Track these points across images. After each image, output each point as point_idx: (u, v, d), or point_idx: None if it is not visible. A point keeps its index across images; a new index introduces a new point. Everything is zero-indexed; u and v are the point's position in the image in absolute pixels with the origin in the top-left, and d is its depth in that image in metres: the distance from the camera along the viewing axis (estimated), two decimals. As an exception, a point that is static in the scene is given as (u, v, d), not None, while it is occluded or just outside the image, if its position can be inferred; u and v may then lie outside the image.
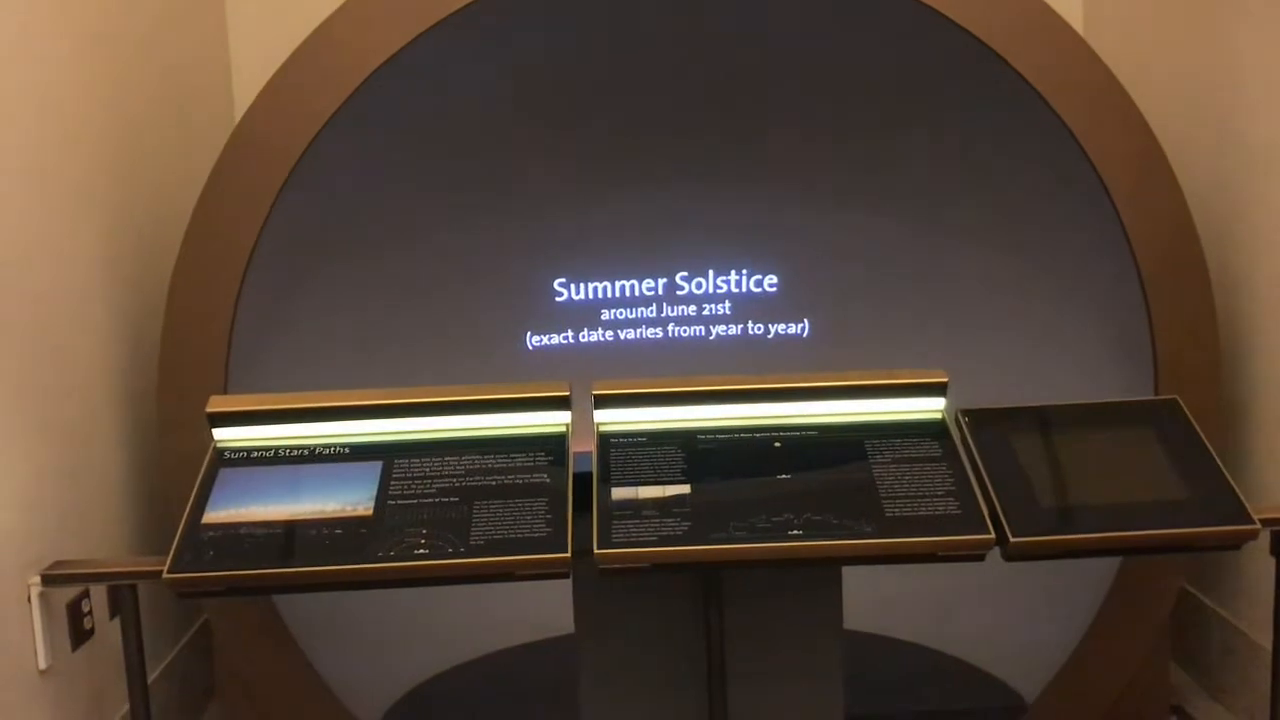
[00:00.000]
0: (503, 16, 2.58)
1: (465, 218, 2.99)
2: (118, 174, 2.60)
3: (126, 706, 2.20)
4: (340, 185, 2.72)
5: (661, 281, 3.11)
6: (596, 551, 1.94)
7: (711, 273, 3.12)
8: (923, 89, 2.80)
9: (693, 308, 3.14)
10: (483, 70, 2.75)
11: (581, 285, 3.11)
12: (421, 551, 1.94)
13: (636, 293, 3.12)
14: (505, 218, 3.03)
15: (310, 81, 2.45)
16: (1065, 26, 2.53)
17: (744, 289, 3.13)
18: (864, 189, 2.99)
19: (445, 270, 3.02)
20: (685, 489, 2.03)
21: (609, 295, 3.11)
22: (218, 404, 2.16)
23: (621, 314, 3.12)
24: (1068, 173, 2.58)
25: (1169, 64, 2.99)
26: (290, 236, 2.57)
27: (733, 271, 3.12)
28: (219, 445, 2.13)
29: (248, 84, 3.18)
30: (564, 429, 2.13)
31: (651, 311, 3.13)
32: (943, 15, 2.46)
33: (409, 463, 2.08)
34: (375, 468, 2.08)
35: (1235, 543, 2.08)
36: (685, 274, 3.11)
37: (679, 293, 3.13)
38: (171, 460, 2.44)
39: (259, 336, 2.60)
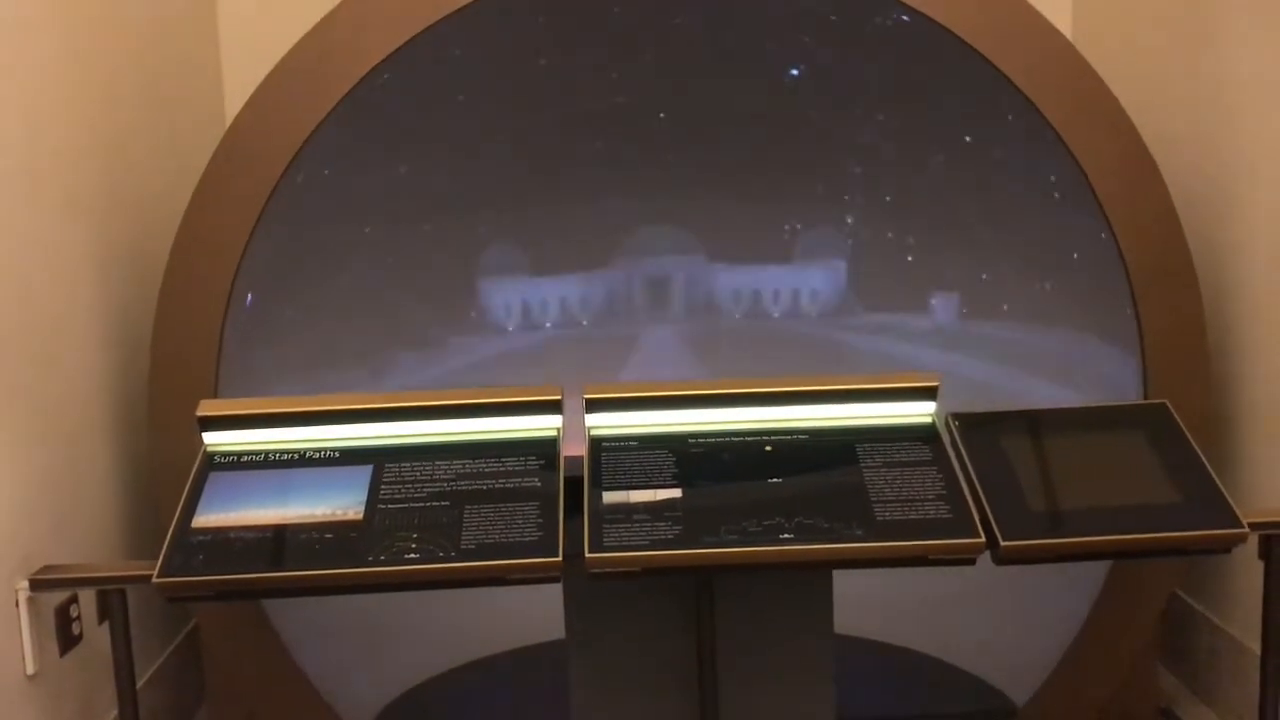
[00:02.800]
0: (496, 20, 2.58)
1: (453, 223, 2.99)
2: (108, 178, 2.59)
3: (115, 712, 2.19)
4: (330, 190, 2.71)
5: (652, 281, 3.13)
6: (588, 555, 1.94)
7: (702, 272, 3.13)
8: (911, 93, 2.81)
9: (679, 308, 3.15)
10: (473, 75, 2.75)
11: (570, 284, 3.12)
12: (412, 556, 1.94)
13: (623, 291, 3.14)
14: (493, 220, 3.04)
15: (299, 87, 2.44)
16: (1054, 31, 2.54)
17: (737, 288, 3.14)
18: (852, 192, 3.00)
19: (434, 274, 3.02)
20: (676, 493, 2.03)
21: (590, 294, 3.13)
22: (207, 408, 2.15)
23: (604, 313, 3.14)
24: (1055, 177, 2.59)
25: (1156, 68, 3.00)
26: (280, 242, 2.57)
27: (721, 271, 3.13)
28: (209, 449, 2.13)
29: (239, 89, 3.17)
30: (555, 433, 2.13)
31: (636, 310, 3.15)
32: (932, 20, 2.47)
33: (399, 467, 2.08)
34: (365, 472, 2.07)
35: (1224, 546, 2.09)
36: (677, 274, 3.12)
37: (665, 293, 3.14)
38: (161, 464, 2.43)
39: (248, 341, 2.59)
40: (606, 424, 2.15)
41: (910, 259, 3.04)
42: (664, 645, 2.23)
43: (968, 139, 2.80)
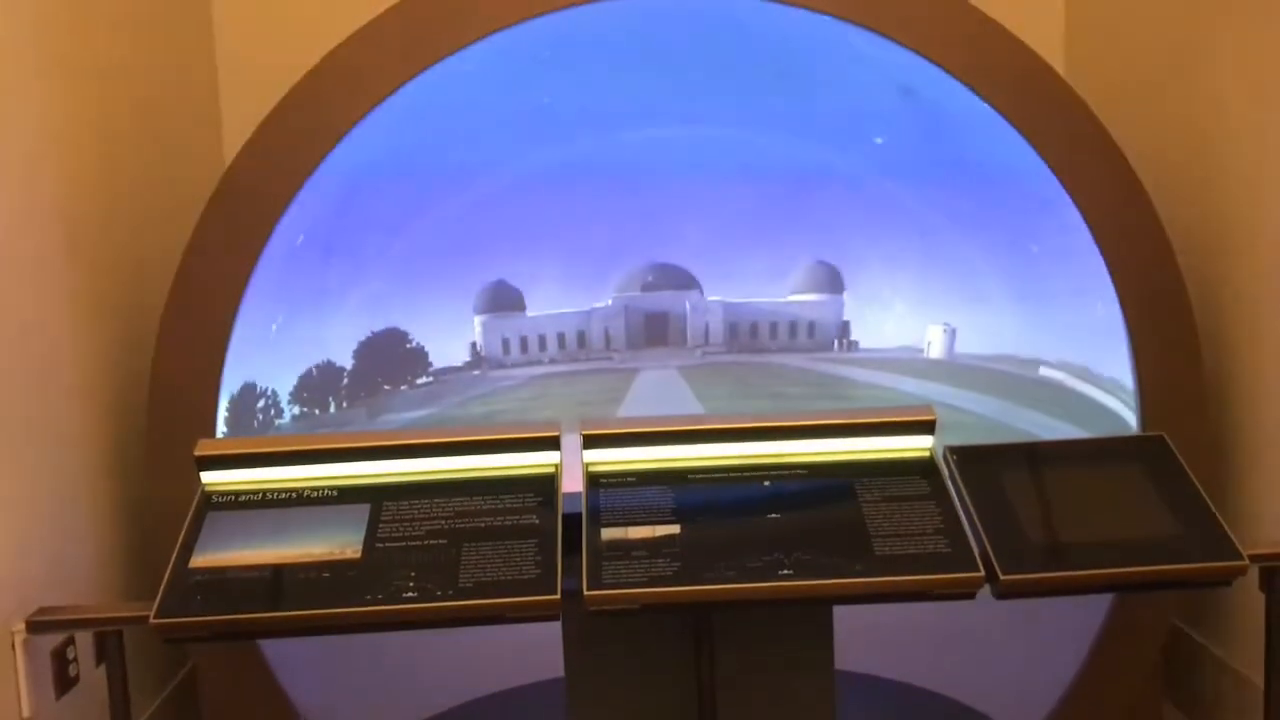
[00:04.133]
0: (500, 64, 2.60)
1: (450, 260, 3.01)
2: (106, 220, 2.60)
3: (111, 755, 2.17)
4: (328, 230, 2.73)
5: (650, 316, 3.15)
6: (586, 593, 1.93)
7: (700, 307, 3.15)
8: (901, 126, 2.83)
9: (677, 343, 3.17)
10: (476, 113, 2.77)
11: (568, 320, 3.13)
12: (410, 594, 1.93)
13: (621, 327, 3.15)
14: (491, 256, 3.06)
15: (297, 130, 2.46)
16: (1046, 66, 2.56)
17: (735, 322, 3.16)
18: (847, 226, 3.02)
19: (432, 312, 3.03)
20: (675, 529, 2.03)
21: (589, 330, 3.15)
22: (206, 447, 2.15)
23: (602, 348, 3.15)
24: (1049, 210, 2.60)
25: (1149, 100, 3.03)
26: (278, 283, 2.58)
27: (720, 306, 3.15)
28: (207, 489, 2.12)
29: (237, 131, 3.20)
30: (553, 470, 2.13)
31: (635, 346, 3.17)
32: (922, 55, 2.50)
33: (397, 505, 2.08)
34: (363, 510, 2.07)
35: (1225, 579, 2.08)
36: (675, 309, 3.14)
37: (663, 328, 3.15)
38: (158, 504, 2.43)
39: (246, 380, 2.60)
40: (604, 460, 2.15)
41: (906, 294, 3.06)
42: (663, 682, 2.22)
43: (960, 173, 2.82)
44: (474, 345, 3.14)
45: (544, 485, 2.10)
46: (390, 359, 3.02)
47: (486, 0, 2.46)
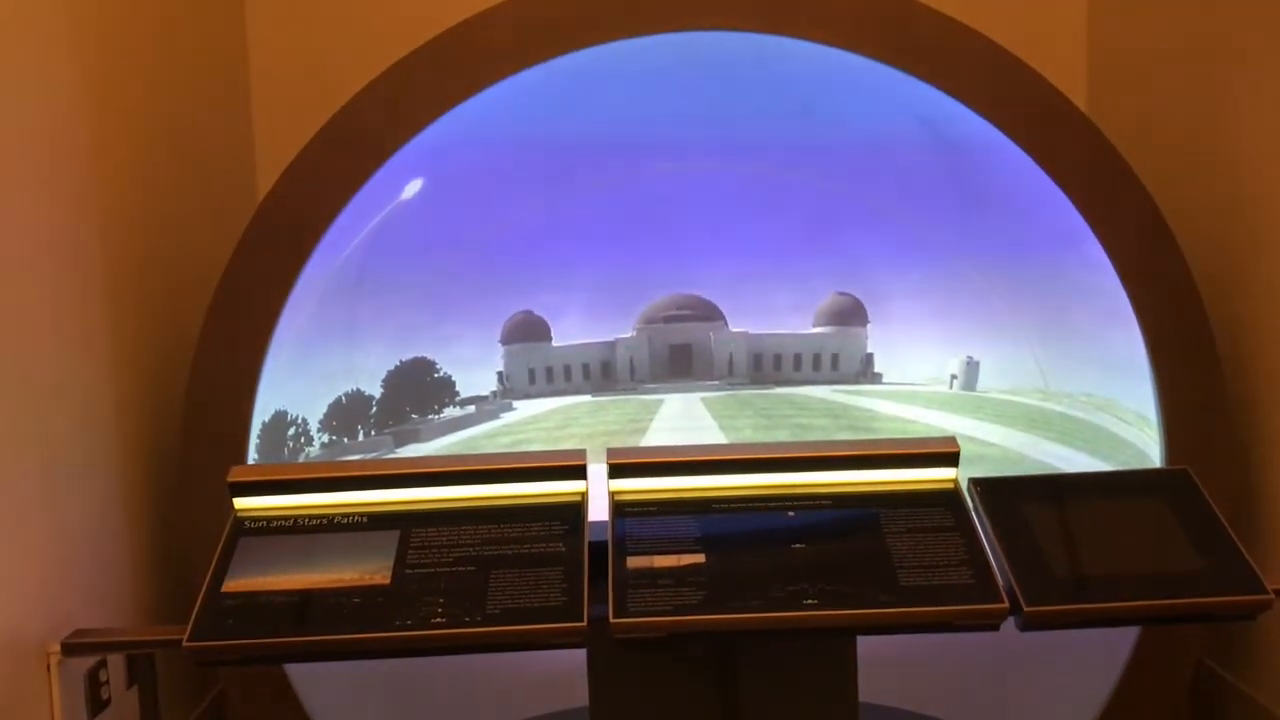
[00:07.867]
0: (528, 96, 2.64)
1: (478, 289, 3.05)
2: (143, 250, 2.65)
3: (141, 777, 2.20)
4: (360, 260, 2.77)
5: (675, 346, 3.17)
6: (612, 620, 1.94)
7: (725, 337, 3.17)
8: (927, 165, 2.86)
9: (702, 373, 3.19)
10: (508, 145, 2.82)
11: (593, 349, 3.17)
12: (438, 620, 1.95)
13: (646, 357, 3.18)
14: (518, 285, 3.09)
15: (332, 162, 2.51)
16: (1070, 104, 2.58)
17: (759, 353, 3.18)
18: (871, 260, 3.04)
19: (459, 341, 3.07)
20: (700, 558, 2.04)
21: (614, 359, 3.18)
22: (239, 473, 2.18)
23: (627, 378, 3.18)
24: (1073, 244, 2.62)
25: (1171, 133, 3.04)
26: (312, 312, 2.62)
27: (744, 336, 3.17)
28: (239, 514, 2.16)
29: (271, 157, 3.25)
30: (579, 498, 2.15)
31: (659, 375, 3.19)
32: (951, 95, 2.52)
33: (426, 531, 2.10)
34: (393, 536, 2.10)
35: (1249, 613, 2.07)
36: (701, 339, 3.16)
37: (687, 358, 3.18)
38: (192, 529, 2.46)
39: (279, 408, 2.64)
40: (630, 488, 2.17)
41: (930, 326, 3.07)
42: (687, 712, 2.22)
43: (984, 207, 2.84)
44: (500, 375, 3.17)
45: (570, 513, 2.12)
46: (418, 388, 3.05)
47: (513, 38, 2.51)
